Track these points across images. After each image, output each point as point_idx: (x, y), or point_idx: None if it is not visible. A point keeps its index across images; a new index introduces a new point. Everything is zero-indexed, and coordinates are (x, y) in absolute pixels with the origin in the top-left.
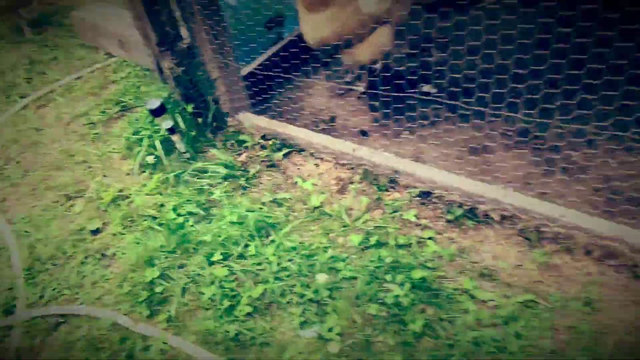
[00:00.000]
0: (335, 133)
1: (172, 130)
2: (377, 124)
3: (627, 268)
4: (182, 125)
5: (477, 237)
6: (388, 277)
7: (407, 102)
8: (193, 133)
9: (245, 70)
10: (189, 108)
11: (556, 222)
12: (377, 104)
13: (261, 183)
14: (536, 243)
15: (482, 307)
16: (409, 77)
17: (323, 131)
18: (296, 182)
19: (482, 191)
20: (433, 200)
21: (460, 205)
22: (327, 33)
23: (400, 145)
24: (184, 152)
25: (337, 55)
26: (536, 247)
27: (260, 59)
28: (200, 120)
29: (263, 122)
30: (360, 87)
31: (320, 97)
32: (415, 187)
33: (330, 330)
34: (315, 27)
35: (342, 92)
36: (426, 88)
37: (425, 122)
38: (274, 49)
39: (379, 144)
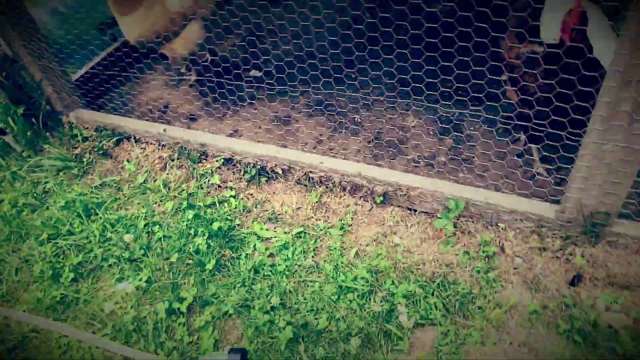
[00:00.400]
0: (167, 121)
1: (2, 132)
2: (206, 108)
3: (369, 196)
4: (13, 126)
5: (270, 190)
6: (192, 231)
7: (233, 86)
8: (28, 133)
9: (82, 71)
10: (20, 110)
11: (318, 168)
12: (206, 90)
13: (94, 170)
14: (311, 188)
15: (265, 244)
16: (237, 65)
17: (156, 119)
18: (124, 166)
19: (265, 152)
20: (235, 165)
21: (254, 166)
22: (142, 32)
23: (224, 124)
24: (22, 151)
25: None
26: (311, 191)
27: (95, 60)
28: (35, 120)
29: (95, 117)
30: (192, 77)
31: (156, 89)
32: (219, 156)
33: (140, 279)
34: (130, 28)
35: (176, 82)
36: (253, 73)
37: (246, 103)
38: (108, 50)
39: (206, 125)
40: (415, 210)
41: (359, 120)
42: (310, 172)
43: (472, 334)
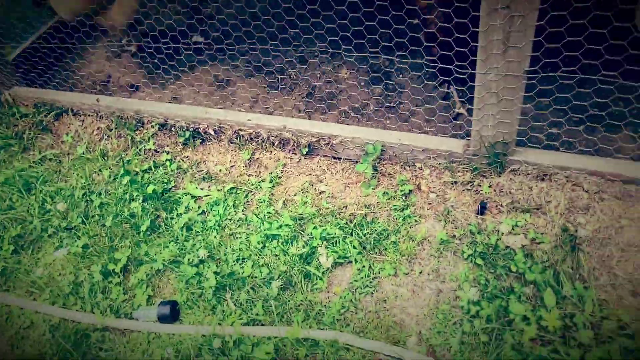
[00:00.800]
0: (109, 92)
1: None
2: (148, 77)
3: (297, 149)
4: None
5: (204, 151)
6: (127, 196)
7: (174, 54)
8: None
9: (19, 49)
10: None
11: (246, 125)
12: (147, 59)
13: (34, 146)
14: (242, 145)
15: (198, 202)
16: (180, 31)
17: (98, 92)
18: (64, 139)
19: (194, 113)
20: (170, 129)
21: (187, 129)
22: (75, 4)
23: (166, 91)
24: None
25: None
26: (243, 148)
27: (32, 38)
28: None
29: (32, 93)
30: (133, 48)
31: (98, 62)
32: (154, 122)
33: (77, 246)
34: (61, 2)
35: (117, 54)
36: (195, 38)
37: (187, 69)
38: (46, 26)
39: (148, 94)
40: (339, 158)
41: (295, 77)
42: (240, 130)
43: (386, 267)
